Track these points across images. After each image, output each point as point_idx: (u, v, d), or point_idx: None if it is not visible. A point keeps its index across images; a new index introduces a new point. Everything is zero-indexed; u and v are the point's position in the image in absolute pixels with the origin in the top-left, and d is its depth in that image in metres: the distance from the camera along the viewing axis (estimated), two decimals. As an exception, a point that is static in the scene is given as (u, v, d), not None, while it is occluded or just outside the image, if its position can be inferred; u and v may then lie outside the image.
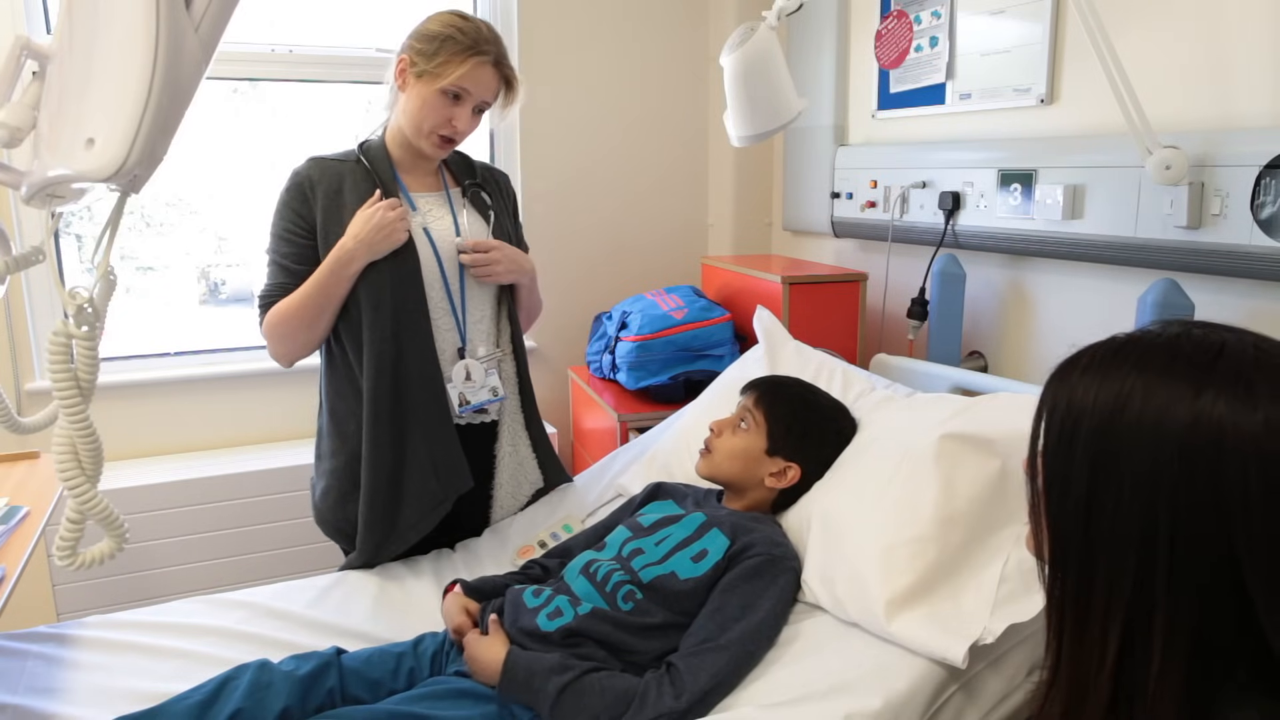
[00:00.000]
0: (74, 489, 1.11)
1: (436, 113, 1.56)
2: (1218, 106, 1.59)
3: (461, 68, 1.53)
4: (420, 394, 1.59)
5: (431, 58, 1.53)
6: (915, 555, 1.26)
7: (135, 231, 2.69)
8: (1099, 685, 0.65)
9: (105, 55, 0.97)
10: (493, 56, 1.56)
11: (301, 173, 1.60)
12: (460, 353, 1.65)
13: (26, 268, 1.14)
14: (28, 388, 2.40)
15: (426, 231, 1.63)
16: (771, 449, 1.47)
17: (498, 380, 1.69)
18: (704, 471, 1.50)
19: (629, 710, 1.14)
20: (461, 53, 1.53)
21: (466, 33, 1.54)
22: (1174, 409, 0.62)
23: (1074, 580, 0.67)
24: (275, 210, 1.60)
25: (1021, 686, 1.25)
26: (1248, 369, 0.62)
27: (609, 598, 1.29)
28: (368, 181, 1.60)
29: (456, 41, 1.53)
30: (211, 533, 2.44)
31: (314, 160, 1.62)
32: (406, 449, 1.59)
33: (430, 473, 1.60)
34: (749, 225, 3.02)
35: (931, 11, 2.19)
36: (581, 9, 2.84)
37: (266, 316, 1.59)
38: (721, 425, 1.51)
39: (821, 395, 1.58)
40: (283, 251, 1.59)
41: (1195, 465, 0.61)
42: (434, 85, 1.54)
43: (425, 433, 1.59)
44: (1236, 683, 0.62)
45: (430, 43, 1.54)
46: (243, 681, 1.18)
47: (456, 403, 1.64)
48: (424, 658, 1.32)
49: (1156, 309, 1.56)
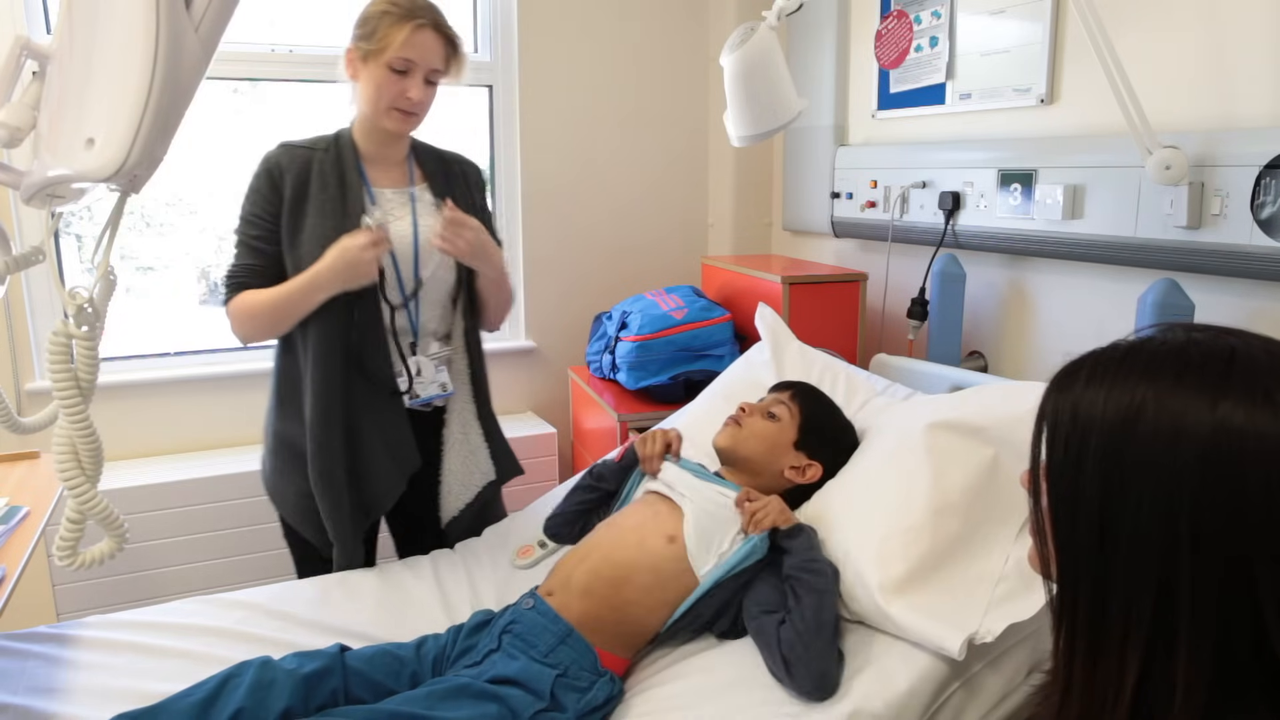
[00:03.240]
0: (74, 489, 1.11)
1: (388, 88, 1.58)
2: (1218, 106, 1.59)
3: (399, 34, 1.55)
4: (371, 383, 1.63)
5: (371, 37, 1.56)
6: (909, 544, 1.27)
7: (135, 231, 2.69)
8: (1115, 715, 0.61)
9: (105, 55, 0.97)
10: (430, 20, 1.58)
11: (272, 159, 1.63)
12: (412, 348, 1.69)
13: (26, 268, 1.14)
14: (28, 388, 2.40)
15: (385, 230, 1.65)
16: (800, 443, 1.50)
17: (447, 376, 1.72)
18: (725, 442, 1.52)
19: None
20: (398, 22, 1.55)
21: (400, 4, 1.57)
22: (1191, 419, 0.59)
23: (1087, 602, 0.64)
24: (245, 193, 1.64)
25: (1021, 686, 1.25)
26: (1264, 376, 0.60)
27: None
28: (335, 172, 1.63)
29: (391, 14, 1.56)
30: (211, 533, 2.44)
31: (285, 147, 1.65)
32: (363, 433, 1.62)
33: (384, 453, 1.64)
34: (749, 225, 3.02)
35: (931, 11, 2.19)
36: (581, 9, 2.84)
37: (234, 300, 1.61)
38: (751, 409, 1.54)
39: (840, 410, 1.62)
40: (251, 234, 1.62)
41: (1216, 476, 0.58)
42: (380, 60, 1.56)
43: (376, 418, 1.63)
44: (1245, 703, 0.60)
45: (368, 24, 1.57)
46: (245, 680, 1.18)
47: (406, 397, 1.67)
48: (426, 660, 1.32)
49: (1156, 309, 1.56)
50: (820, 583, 1.26)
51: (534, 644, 1.27)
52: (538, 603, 1.34)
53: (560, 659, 1.26)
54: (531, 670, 1.24)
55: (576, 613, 1.32)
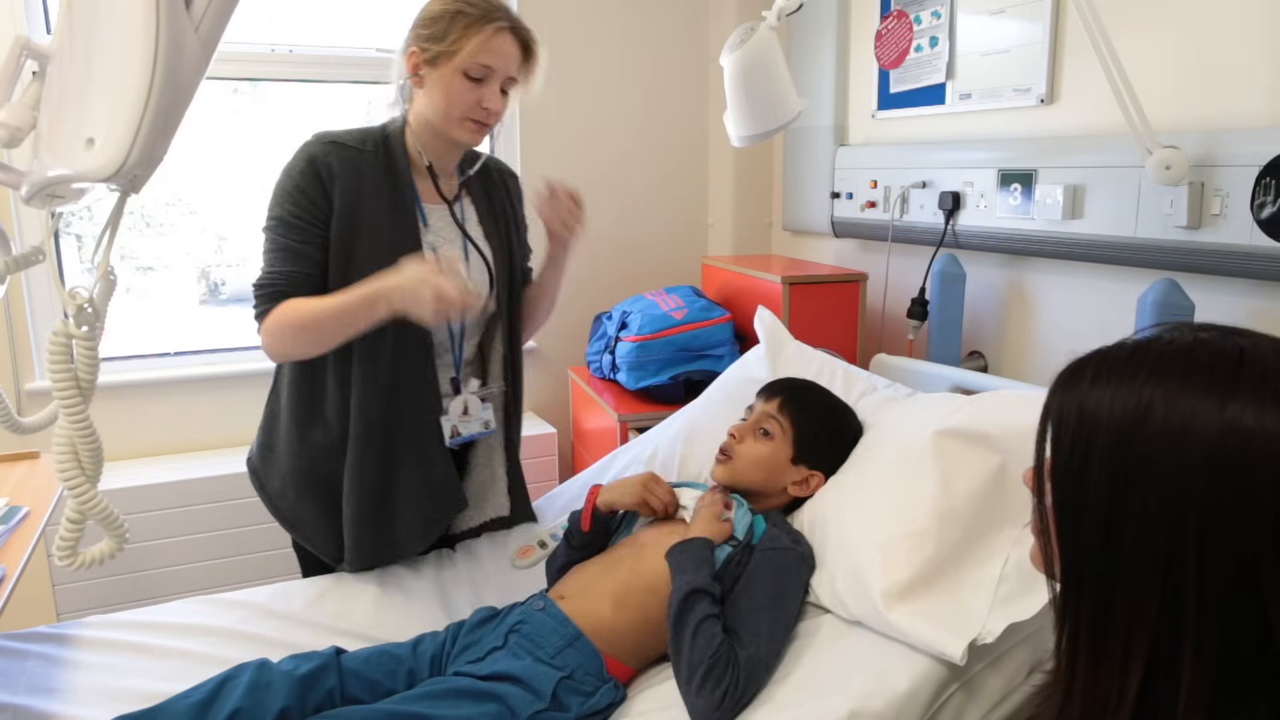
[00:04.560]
0: (74, 489, 1.11)
1: (463, 97, 1.44)
2: (1218, 106, 1.58)
3: (478, 37, 1.41)
4: (414, 421, 1.53)
5: (442, 38, 1.42)
6: (913, 549, 1.27)
7: (135, 231, 2.69)
8: (1118, 716, 0.61)
9: (105, 55, 0.97)
10: (508, 21, 1.46)
11: (318, 158, 1.45)
12: (454, 384, 1.60)
13: (26, 268, 1.14)
14: (28, 388, 2.40)
15: (436, 254, 1.51)
16: (797, 458, 1.47)
17: (491, 414, 1.63)
18: (724, 478, 1.47)
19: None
20: (474, 23, 1.42)
21: (475, 4, 1.43)
22: (1199, 419, 0.59)
23: (1091, 603, 0.63)
24: (283, 192, 1.45)
25: (1021, 686, 1.25)
26: (1273, 377, 0.59)
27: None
28: (387, 181, 1.48)
29: (466, 15, 1.42)
30: (211, 533, 2.44)
31: (331, 144, 1.47)
32: (399, 472, 1.53)
33: (424, 495, 1.56)
34: (749, 225, 3.02)
35: (931, 11, 2.19)
36: (581, 9, 2.84)
37: (274, 312, 1.43)
38: (742, 431, 1.49)
39: (835, 398, 1.59)
40: (293, 238, 1.44)
41: (1224, 477, 0.58)
42: (452, 65, 1.42)
43: (419, 457, 1.54)
44: (1247, 705, 0.60)
45: (437, 24, 1.43)
46: (242, 681, 1.18)
47: (448, 434, 1.58)
48: (423, 659, 1.32)
49: (1156, 309, 1.56)
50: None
51: (541, 645, 1.27)
52: (548, 605, 1.33)
53: (566, 661, 1.25)
54: (535, 670, 1.23)
55: (600, 620, 1.30)
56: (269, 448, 1.61)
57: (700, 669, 1.16)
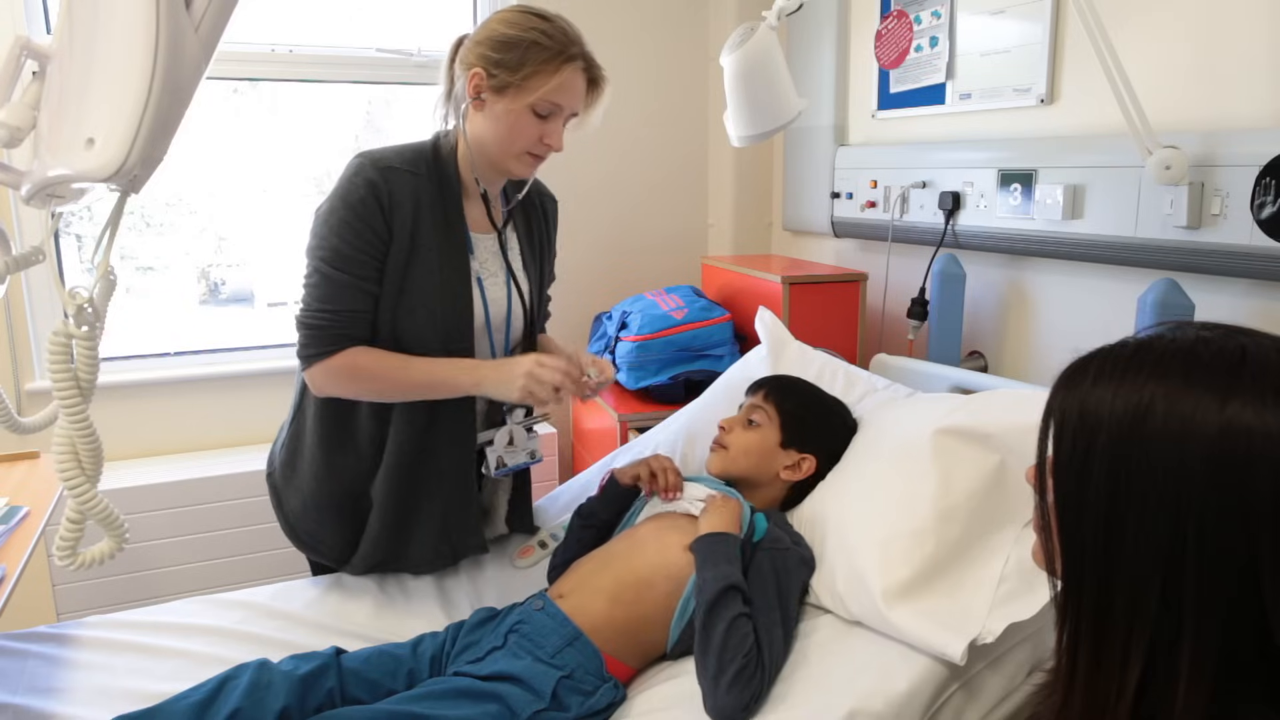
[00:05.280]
0: (74, 489, 1.11)
1: (526, 132, 1.37)
2: (1218, 106, 1.58)
3: (555, 78, 1.34)
4: (448, 455, 1.50)
5: (516, 69, 1.33)
6: (913, 548, 1.27)
7: (135, 231, 2.69)
8: (1118, 712, 0.61)
9: (105, 55, 0.97)
10: (582, 56, 1.39)
11: (376, 182, 1.36)
12: (499, 414, 1.57)
13: (26, 268, 1.14)
14: (28, 388, 2.40)
15: (481, 285, 1.48)
16: (785, 441, 1.49)
17: (537, 443, 1.61)
18: (717, 468, 1.51)
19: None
20: (552, 60, 1.34)
21: (553, 36, 1.35)
22: (1200, 418, 0.59)
23: (1091, 599, 0.64)
24: (341, 222, 1.35)
25: (1021, 686, 1.25)
26: (1274, 376, 0.59)
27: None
28: (439, 208, 1.41)
29: (543, 47, 1.34)
30: (211, 533, 2.44)
31: (384, 169, 1.38)
32: (421, 507, 1.51)
33: (443, 535, 1.54)
34: (749, 225, 3.02)
35: (931, 11, 2.19)
36: (581, 9, 2.83)
37: (340, 356, 1.37)
38: (731, 423, 1.53)
39: (824, 392, 1.61)
40: (353, 271, 1.36)
41: (1224, 476, 0.58)
42: (522, 101, 1.35)
43: (445, 496, 1.51)
44: (1246, 702, 0.60)
45: (511, 51, 1.33)
46: (242, 681, 1.18)
47: (494, 465, 1.55)
48: (423, 659, 1.32)
49: (1156, 309, 1.56)
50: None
51: (541, 645, 1.27)
52: (547, 604, 1.33)
53: (566, 661, 1.25)
54: (535, 670, 1.23)
55: (596, 617, 1.30)
56: (291, 467, 1.56)
57: (732, 667, 1.16)
